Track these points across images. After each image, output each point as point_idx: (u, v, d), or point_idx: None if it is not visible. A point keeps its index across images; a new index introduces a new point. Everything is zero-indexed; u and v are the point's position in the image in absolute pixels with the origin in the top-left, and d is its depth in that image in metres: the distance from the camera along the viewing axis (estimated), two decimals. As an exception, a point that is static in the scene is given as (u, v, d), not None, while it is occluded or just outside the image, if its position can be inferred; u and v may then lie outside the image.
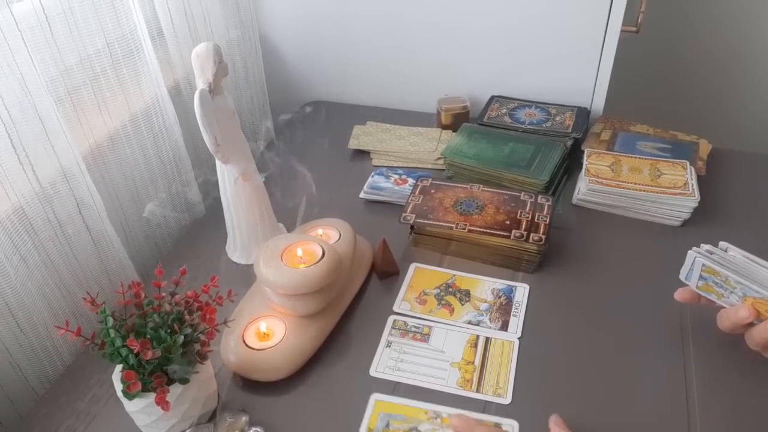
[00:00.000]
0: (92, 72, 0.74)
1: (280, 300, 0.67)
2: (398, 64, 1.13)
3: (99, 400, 0.64)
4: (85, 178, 0.70)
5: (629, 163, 0.89)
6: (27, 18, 0.64)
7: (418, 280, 0.78)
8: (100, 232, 0.73)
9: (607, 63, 1.01)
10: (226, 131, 0.70)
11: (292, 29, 1.16)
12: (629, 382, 0.64)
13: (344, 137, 1.07)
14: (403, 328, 0.71)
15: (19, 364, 0.65)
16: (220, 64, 0.67)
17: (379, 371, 0.66)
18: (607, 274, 0.78)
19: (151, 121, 0.83)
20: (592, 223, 0.86)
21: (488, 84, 1.10)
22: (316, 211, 0.86)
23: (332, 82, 1.20)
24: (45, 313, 0.66)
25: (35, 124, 0.63)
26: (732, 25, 1.36)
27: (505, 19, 1.03)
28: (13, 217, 0.62)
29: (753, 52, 1.38)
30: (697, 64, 1.42)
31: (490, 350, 0.67)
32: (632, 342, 0.68)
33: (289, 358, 0.64)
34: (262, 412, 0.61)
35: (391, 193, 0.91)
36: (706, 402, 0.61)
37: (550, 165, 0.89)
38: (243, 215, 0.77)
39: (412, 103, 1.16)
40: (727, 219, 0.86)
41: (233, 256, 0.82)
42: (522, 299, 0.74)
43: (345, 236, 0.76)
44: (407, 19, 1.08)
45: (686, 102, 1.46)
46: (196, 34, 0.92)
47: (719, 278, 0.61)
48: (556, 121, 1.01)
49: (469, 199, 0.82)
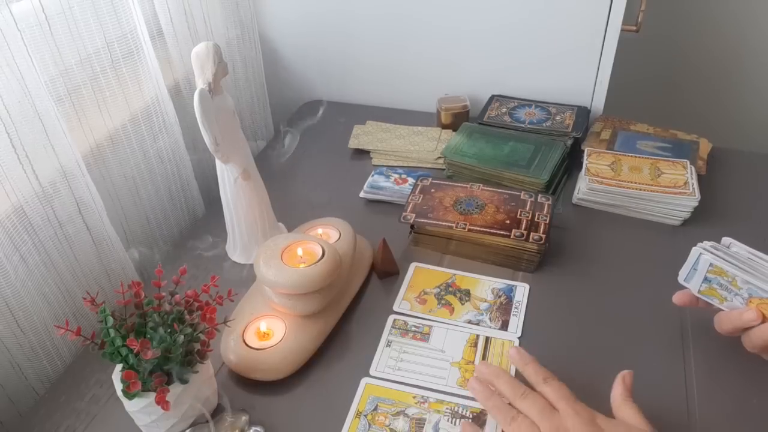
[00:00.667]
0: (92, 72, 0.74)
1: (280, 299, 0.67)
2: (398, 63, 1.13)
3: (99, 400, 0.64)
4: (85, 178, 0.70)
5: (629, 163, 0.89)
6: (26, 18, 0.64)
7: (418, 279, 0.78)
8: (100, 232, 0.73)
9: (607, 62, 1.01)
10: (226, 131, 0.70)
11: (291, 29, 1.16)
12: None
13: (344, 137, 1.07)
14: (403, 328, 0.71)
15: (19, 364, 0.65)
16: (220, 63, 0.67)
17: (379, 370, 0.66)
18: (607, 274, 0.78)
19: (151, 121, 0.83)
20: (593, 222, 0.86)
21: (488, 83, 1.10)
22: (316, 210, 0.86)
23: (332, 81, 1.20)
24: (45, 313, 0.66)
25: (35, 123, 0.63)
26: (732, 24, 1.36)
27: (504, 18, 1.03)
28: (13, 216, 0.62)
29: (753, 51, 1.38)
30: (698, 63, 1.42)
31: (490, 350, 0.67)
32: (632, 341, 0.68)
33: (289, 358, 0.64)
34: (262, 412, 0.61)
35: (391, 193, 0.91)
36: (706, 401, 0.61)
37: (550, 164, 0.89)
38: (243, 215, 0.77)
39: (412, 102, 1.16)
40: (728, 218, 0.85)
41: (233, 255, 0.82)
42: (522, 299, 0.74)
43: (345, 236, 0.76)
44: (407, 18, 1.07)
45: (686, 101, 1.46)
46: (195, 33, 0.92)
47: (726, 279, 0.59)
48: (556, 120, 1.01)
49: (469, 199, 0.82)
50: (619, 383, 0.56)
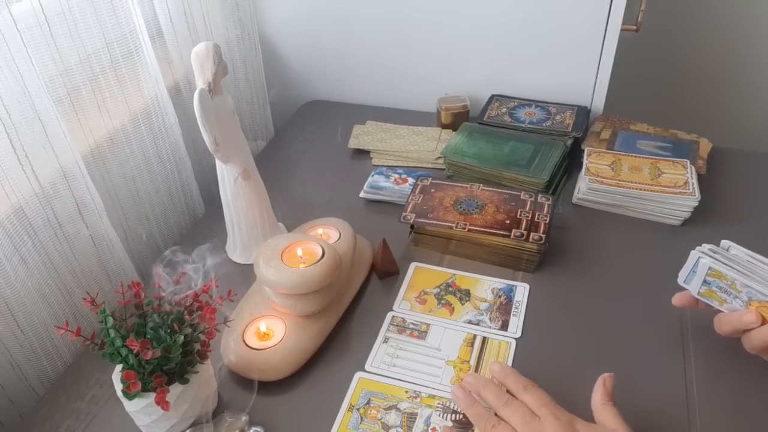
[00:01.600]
0: (92, 72, 0.74)
1: (280, 300, 0.67)
2: (398, 63, 1.13)
3: (99, 400, 0.64)
4: (85, 178, 0.70)
5: (629, 162, 0.89)
6: (26, 18, 0.64)
7: (418, 279, 0.78)
8: (100, 232, 0.73)
9: (607, 62, 1.01)
10: (226, 131, 0.70)
11: (291, 28, 1.16)
12: (628, 382, 0.63)
13: (344, 136, 1.07)
14: (401, 325, 0.71)
15: (19, 364, 0.65)
16: (220, 63, 0.67)
17: (374, 366, 0.66)
18: (607, 274, 0.77)
19: (151, 121, 0.83)
20: (593, 222, 0.86)
21: (488, 83, 1.10)
22: (316, 210, 0.86)
23: (332, 81, 1.20)
24: (45, 313, 0.66)
25: (35, 124, 0.63)
26: (732, 24, 1.36)
27: (504, 18, 1.03)
28: (12, 217, 0.62)
29: (754, 50, 1.38)
30: (698, 62, 1.42)
31: (487, 349, 0.67)
32: (632, 341, 0.68)
33: (288, 358, 0.64)
34: (262, 412, 0.61)
35: (391, 193, 0.91)
36: (706, 401, 0.61)
37: (550, 164, 0.89)
38: (243, 215, 0.77)
39: (412, 102, 1.16)
40: (728, 218, 0.85)
41: (233, 255, 0.82)
42: (522, 298, 0.74)
43: (345, 236, 0.76)
44: (407, 18, 1.07)
45: (686, 100, 1.46)
46: (195, 33, 0.92)
47: (725, 282, 0.59)
48: (556, 120, 1.01)
49: (469, 199, 0.82)
50: (599, 387, 0.56)
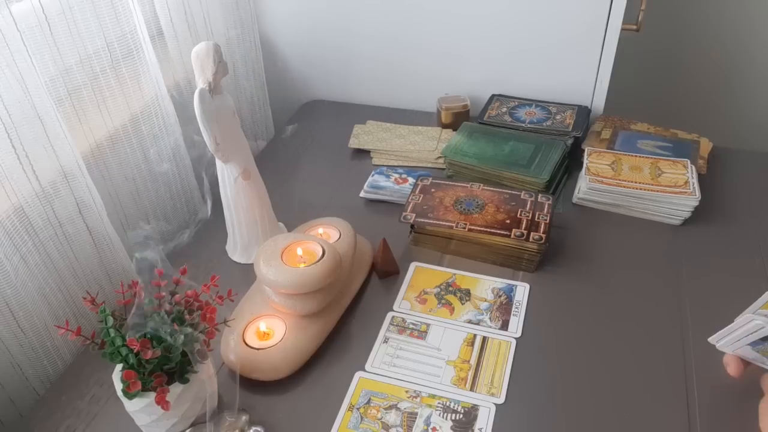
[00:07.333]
0: (92, 72, 0.74)
1: (280, 299, 0.67)
2: (398, 63, 1.13)
3: (99, 400, 0.64)
4: (85, 178, 0.70)
5: (630, 162, 0.89)
6: (26, 18, 0.64)
7: (418, 279, 0.78)
8: (100, 232, 0.73)
9: (607, 61, 1.01)
10: (226, 130, 0.70)
11: (291, 28, 1.16)
12: (628, 381, 0.64)
13: (344, 136, 1.07)
14: (401, 325, 0.71)
15: (19, 364, 0.65)
16: (220, 63, 0.67)
17: (374, 366, 0.66)
18: (608, 273, 0.77)
19: (151, 121, 0.83)
20: (593, 222, 0.86)
21: (488, 83, 1.10)
22: (316, 210, 0.86)
23: (332, 81, 1.20)
24: (45, 313, 0.66)
25: (35, 124, 0.63)
26: (733, 24, 1.35)
27: (505, 17, 1.03)
28: (13, 217, 0.62)
29: (754, 50, 1.38)
30: (698, 62, 1.42)
31: (487, 349, 0.67)
32: (632, 341, 0.68)
33: (289, 358, 0.64)
34: (262, 412, 0.61)
35: (392, 193, 0.91)
36: (706, 400, 0.61)
37: (550, 164, 0.89)
38: (243, 214, 0.77)
39: (413, 102, 1.16)
40: (728, 218, 0.85)
41: (233, 255, 0.82)
42: (522, 298, 0.74)
43: (345, 235, 0.76)
44: (407, 18, 1.07)
45: (687, 100, 1.46)
46: (195, 33, 0.92)
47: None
48: (556, 119, 1.01)
49: (470, 198, 0.82)
50: None
